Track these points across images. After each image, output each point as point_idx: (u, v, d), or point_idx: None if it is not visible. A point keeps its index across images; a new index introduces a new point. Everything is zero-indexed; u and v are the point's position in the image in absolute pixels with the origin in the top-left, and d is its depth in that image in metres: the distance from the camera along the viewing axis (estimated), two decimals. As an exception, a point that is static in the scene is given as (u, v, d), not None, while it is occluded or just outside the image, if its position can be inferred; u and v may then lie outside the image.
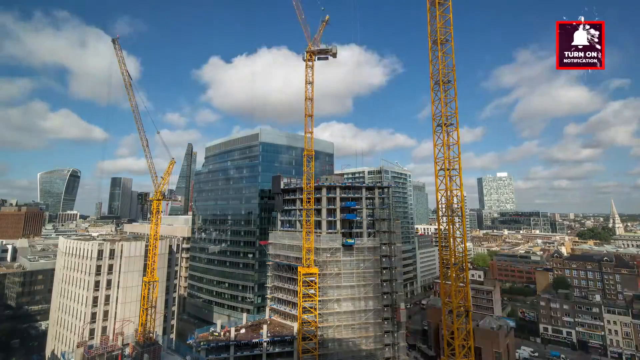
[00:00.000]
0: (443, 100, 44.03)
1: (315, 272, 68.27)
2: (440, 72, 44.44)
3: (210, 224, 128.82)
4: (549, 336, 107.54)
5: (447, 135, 44.05)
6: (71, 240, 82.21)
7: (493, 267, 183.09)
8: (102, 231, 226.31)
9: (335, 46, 71.54)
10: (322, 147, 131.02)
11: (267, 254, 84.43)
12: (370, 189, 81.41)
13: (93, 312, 72.23)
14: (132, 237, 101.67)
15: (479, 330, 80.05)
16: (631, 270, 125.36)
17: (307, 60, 71.20)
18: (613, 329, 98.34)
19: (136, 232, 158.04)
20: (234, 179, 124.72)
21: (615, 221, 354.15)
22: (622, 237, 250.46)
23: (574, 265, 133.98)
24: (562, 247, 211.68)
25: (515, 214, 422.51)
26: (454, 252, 44.35)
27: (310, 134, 70.89)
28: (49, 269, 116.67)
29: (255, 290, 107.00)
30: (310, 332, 66.54)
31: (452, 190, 44.24)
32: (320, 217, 77.08)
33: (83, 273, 75.20)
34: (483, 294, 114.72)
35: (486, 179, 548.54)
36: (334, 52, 71.89)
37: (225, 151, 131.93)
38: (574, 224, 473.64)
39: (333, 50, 71.57)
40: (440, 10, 44.97)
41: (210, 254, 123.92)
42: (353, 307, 72.80)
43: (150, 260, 64.35)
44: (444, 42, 44.91)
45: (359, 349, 71.20)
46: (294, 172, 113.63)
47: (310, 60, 71.27)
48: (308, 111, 70.87)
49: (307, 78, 71.11)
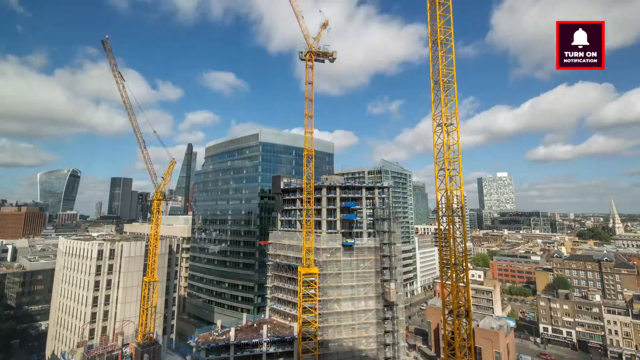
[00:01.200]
0: (443, 100, 44.05)
1: (315, 272, 68.26)
2: (440, 72, 44.45)
3: (210, 224, 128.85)
4: (549, 336, 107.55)
5: (447, 135, 44.08)
6: (71, 240, 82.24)
7: (493, 267, 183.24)
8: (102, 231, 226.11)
9: (335, 51, 71.44)
10: (322, 147, 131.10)
11: (267, 254, 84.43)
12: (370, 189, 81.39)
13: (93, 312, 72.26)
14: (132, 237, 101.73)
15: (479, 330, 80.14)
16: (631, 270, 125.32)
17: (306, 60, 71.21)
18: (613, 329, 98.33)
19: (136, 232, 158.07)
20: (234, 179, 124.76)
21: (615, 221, 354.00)
22: (622, 237, 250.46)
23: (574, 265, 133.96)
24: (562, 247, 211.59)
25: (515, 214, 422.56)
26: (454, 252, 44.33)
27: (310, 134, 70.87)
28: (49, 269, 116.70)
29: (255, 290, 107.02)
30: (310, 332, 66.52)
31: (452, 190, 44.23)
32: (320, 217, 77.08)
33: (83, 273, 75.21)
34: (483, 294, 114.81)
35: (486, 179, 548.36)
36: (334, 57, 71.78)
37: (225, 151, 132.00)
38: (574, 224, 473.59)
39: (334, 55, 71.45)
40: (441, 10, 44.97)
41: (211, 254, 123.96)
42: (353, 307, 72.78)
43: (151, 260, 64.33)
44: (444, 42, 44.91)
45: (359, 349, 71.20)
46: (294, 172, 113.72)
47: (310, 60, 71.27)
48: (308, 111, 70.90)
49: (307, 78, 71.13)
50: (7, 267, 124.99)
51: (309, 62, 71.20)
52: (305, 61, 71.32)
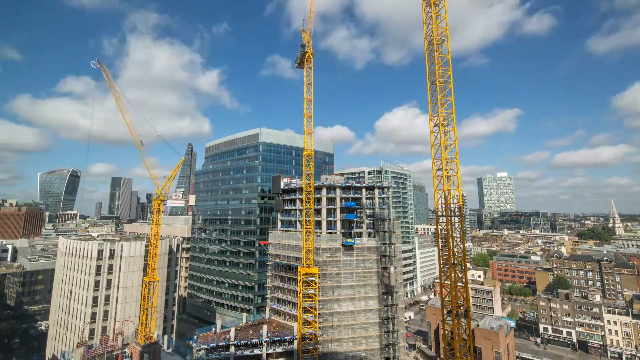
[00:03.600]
0: (440, 101, 44.06)
1: (315, 272, 68.30)
2: (436, 72, 44.48)
3: (211, 223, 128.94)
4: (549, 336, 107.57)
5: (445, 136, 44.10)
6: (71, 240, 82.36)
7: (493, 267, 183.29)
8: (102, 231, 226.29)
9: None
10: (322, 147, 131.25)
11: (267, 254, 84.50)
12: (370, 189, 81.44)
13: (93, 312, 72.37)
14: (132, 237, 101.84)
15: (479, 330, 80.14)
16: (631, 270, 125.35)
17: (306, 61, 71.30)
18: (613, 329, 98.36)
19: (136, 232, 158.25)
20: (234, 179, 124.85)
21: (615, 221, 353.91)
22: (622, 237, 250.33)
23: (574, 265, 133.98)
24: (562, 247, 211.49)
25: (515, 214, 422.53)
26: (453, 252, 44.35)
27: (309, 134, 70.91)
28: (49, 269, 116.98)
29: (255, 290, 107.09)
30: (310, 332, 66.58)
31: (450, 190, 44.24)
32: (320, 217, 77.14)
33: (83, 273, 75.32)
34: (483, 294, 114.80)
35: (486, 179, 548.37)
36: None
37: (226, 151, 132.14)
38: (574, 224, 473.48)
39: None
40: (436, 10, 45.02)
41: (211, 253, 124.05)
42: (353, 307, 72.83)
43: (151, 260, 64.37)
44: (439, 43, 44.92)
45: (358, 349, 71.26)
46: (294, 172, 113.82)
47: (309, 61, 71.35)
48: (307, 112, 70.91)
49: (307, 79, 71.18)
50: (7, 267, 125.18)
51: (308, 62, 71.32)
52: (304, 62, 71.46)
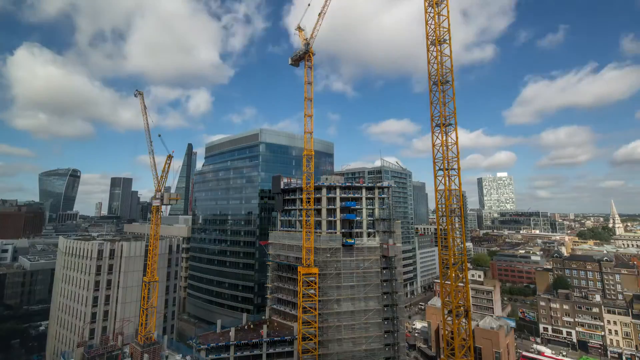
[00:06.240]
0: (441, 101, 44.10)
1: (315, 272, 68.28)
2: (438, 72, 44.52)
3: (210, 224, 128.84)
4: (549, 336, 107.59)
5: (446, 136, 44.12)
6: (71, 240, 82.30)
7: (493, 267, 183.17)
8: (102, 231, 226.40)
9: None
10: (322, 147, 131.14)
11: (267, 254, 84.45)
12: (370, 189, 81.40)
13: (93, 312, 72.34)
14: (132, 237, 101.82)
15: (479, 330, 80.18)
16: (631, 270, 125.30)
17: (305, 60, 71.23)
18: (613, 329, 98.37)
19: (136, 232, 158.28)
20: (234, 179, 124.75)
21: (615, 221, 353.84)
22: (622, 237, 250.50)
23: (574, 265, 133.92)
24: (562, 247, 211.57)
25: (515, 214, 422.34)
26: (454, 252, 44.38)
27: (310, 134, 70.85)
28: (49, 269, 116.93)
29: (255, 290, 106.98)
30: (310, 332, 66.54)
31: (451, 190, 44.26)
32: (320, 217, 77.11)
33: (83, 273, 75.29)
34: (483, 294, 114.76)
35: (486, 179, 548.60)
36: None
37: (226, 151, 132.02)
38: (574, 224, 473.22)
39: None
40: (438, 10, 45.07)
41: (210, 254, 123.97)
42: (353, 307, 72.78)
43: (150, 260, 64.33)
44: (441, 43, 44.95)
45: (359, 349, 71.21)
46: (294, 172, 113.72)
47: (309, 60, 71.28)
48: (307, 111, 70.85)
49: (307, 78, 71.13)
50: (7, 267, 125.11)
51: (307, 62, 71.25)
52: (305, 61, 71.38)
